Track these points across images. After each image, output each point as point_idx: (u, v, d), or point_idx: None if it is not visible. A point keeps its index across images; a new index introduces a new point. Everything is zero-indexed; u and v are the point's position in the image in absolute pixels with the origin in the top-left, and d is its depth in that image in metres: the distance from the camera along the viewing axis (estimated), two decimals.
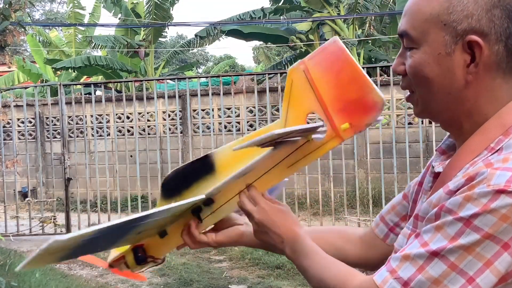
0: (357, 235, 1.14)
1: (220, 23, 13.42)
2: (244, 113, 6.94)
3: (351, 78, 0.91)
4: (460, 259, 0.71)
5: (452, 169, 0.81)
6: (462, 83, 0.80)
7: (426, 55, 0.80)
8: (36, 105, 7.46)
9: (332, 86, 0.93)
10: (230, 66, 25.74)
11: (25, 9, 5.62)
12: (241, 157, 1.02)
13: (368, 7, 13.04)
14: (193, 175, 1.05)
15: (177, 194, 1.06)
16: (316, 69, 0.94)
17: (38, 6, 29.42)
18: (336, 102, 0.93)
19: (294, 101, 0.97)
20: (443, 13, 0.78)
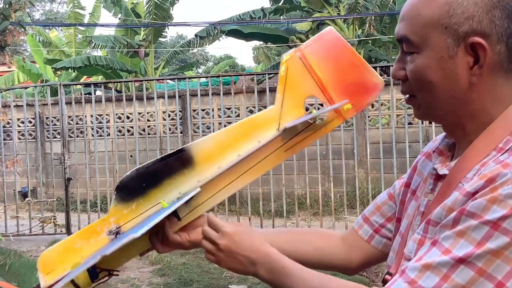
0: (338, 237, 1.12)
1: (220, 23, 13.42)
2: (244, 113, 6.94)
3: (350, 63, 0.96)
4: (488, 264, 0.68)
5: (461, 170, 0.80)
6: (466, 85, 0.79)
7: (428, 59, 0.80)
8: (36, 105, 7.46)
9: (331, 71, 0.97)
10: (230, 66, 25.74)
11: (25, 9, 5.62)
12: (224, 146, 1.00)
13: (368, 7, 13.04)
14: (165, 171, 0.99)
15: (139, 194, 0.99)
16: (313, 56, 0.98)
17: (38, 6, 29.42)
18: (337, 85, 0.97)
19: (290, 86, 0.99)
20: (443, 16, 0.78)
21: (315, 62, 0.98)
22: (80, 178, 8.47)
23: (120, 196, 0.99)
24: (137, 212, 0.99)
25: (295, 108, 1.00)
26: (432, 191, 0.87)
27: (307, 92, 1.00)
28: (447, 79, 0.79)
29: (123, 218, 0.99)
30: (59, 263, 1.00)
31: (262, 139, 0.99)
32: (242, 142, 1.00)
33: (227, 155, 1.00)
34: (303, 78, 0.98)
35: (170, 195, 0.99)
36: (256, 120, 1.01)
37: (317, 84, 0.98)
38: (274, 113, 1.00)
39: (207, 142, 1.01)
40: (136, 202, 0.99)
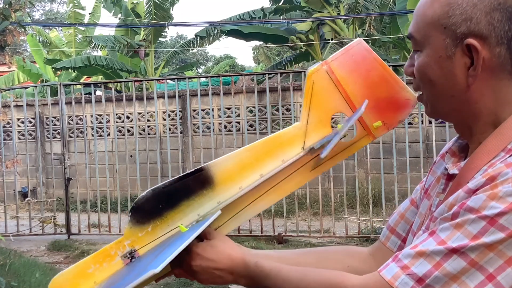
0: (367, 253, 1.08)
1: (220, 23, 13.42)
2: (244, 113, 6.93)
3: (380, 77, 0.90)
4: (481, 256, 0.70)
5: (469, 170, 0.81)
6: (464, 85, 0.80)
7: (429, 57, 0.82)
8: (36, 105, 7.46)
9: (360, 85, 0.91)
10: (230, 66, 25.73)
11: (25, 9, 5.62)
12: (245, 166, 0.94)
13: (368, 7, 13.04)
14: (182, 192, 0.94)
15: (156, 216, 0.94)
16: (341, 69, 0.92)
17: (38, 6, 29.42)
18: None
19: (316, 102, 0.93)
20: (443, 17, 0.79)
21: (343, 76, 0.92)
22: (80, 178, 8.47)
23: (135, 218, 0.94)
24: (154, 235, 0.94)
25: (321, 125, 0.94)
26: (444, 191, 0.88)
27: (334, 108, 0.94)
28: (445, 78, 0.81)
29: (139, 241, 0.95)
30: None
31: (286, 158, 0.94)
32: (265, 161, 0.94)
33: (249, 175, 0.94)
34: (330, 93, 0.93)
35: (188, 217, 0.94)
36: (280, 138, 0.95)
37: (345, 99, 0.92)
38: (299, 130, 0.94)
39: (228, 161, 0.95)
40: (152, 225, 0.94)
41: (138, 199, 0.94)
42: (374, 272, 0.79)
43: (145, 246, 0.95)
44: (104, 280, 0.94)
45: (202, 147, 6.79)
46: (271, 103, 7.08)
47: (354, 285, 0.80)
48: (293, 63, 14.32)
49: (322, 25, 13.22)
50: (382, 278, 0.76)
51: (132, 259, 0.95)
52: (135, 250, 0.95)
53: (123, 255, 0.95)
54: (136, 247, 0.95)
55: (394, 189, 6.15)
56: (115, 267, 0.95)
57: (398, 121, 0.96)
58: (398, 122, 0.98)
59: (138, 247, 0.95)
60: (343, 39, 12.50)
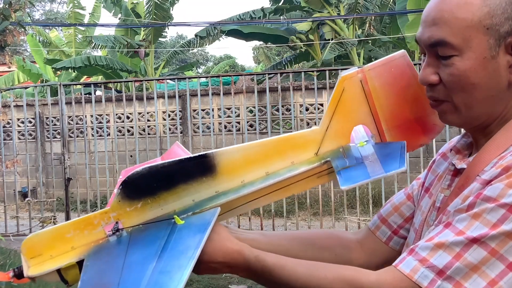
0: (356, 240, 1.08)
1: (220, 23, 13.42)
2: (244, 113, 6.93)
3: (415, 97, 0.86)
4: (501, 245, 0.70)
5: (479, 164, 0.82)
6: (505, 84, 0.81)
7: (471, 60, 0.80)
8: (36, 105, 7.46)
9: (391, 101, 0.87)
10: (230, 66, 25.73)
11: (25, 9, 5.62)
12: (252, 161, 0.91)
13: (368, 7, 13.04)
14: (181, 175, 0.90)
15: (148, 194, 0.90)
16: (376, 80, 0.87)
17: (38, 6, 29.42)
18: (393, 119, 0.87)
19: (342, 110, 0.89)
20: (484, 18, 0.79)
21: (376, 89, 0.87)
22: (80, 178, 8.47)
23: (125, 193, 0.90)
24: (142, 213, 0.90)
25: (341, 134, 0.89)
26: (449, 186, 0.88)
27: (358, 120, 0.89)
28: (489, 79, 0.81)
29: (125, 215, 0.90)
30: (47, 249, 0.90)
31: (296, 161, 0.90)
32: (274, 160, 0.91)
33: (254, 171, 0.90)
34: (358, 104, 0.88)
35: (182, 200, 0.90)
36: (294, 139, 0.92)
37: (372, 113, 0.88)
38: (317, 135, 0.90)
39: (235, 153, 0.91)
40: (143, 202, 0.90)
41: (132, 174, 0.90)
42: (389, 267, 0.78)
43: (131, 221, 0.91)
44: (84, 248, 0.90)
45: (202, 147, 6.79)
46: (271, 103, 7.08)
47: (371, 282, 0.77)
48: (293, 63, 14.32)
49: (322, 25, 13.22)
50: (400, 272, 0.75)
51: (116, 232, 0.91)
52: (119, 222, 0.91)
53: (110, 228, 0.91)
54: (122, 221, 0.91)
55: (394, 189, 6.15)
56: (97, 236, 0.91)
57: (420, 145, 0.93)
58: (419, 146, 0.94)
59: (124, 221, 0.91)
60: (343, 39, 12.50)
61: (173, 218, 0.90)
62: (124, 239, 0.90)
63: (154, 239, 0.88)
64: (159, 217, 0.91)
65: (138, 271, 0.82)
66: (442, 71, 0.83)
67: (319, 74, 7.86)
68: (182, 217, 0.90)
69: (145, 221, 0.91)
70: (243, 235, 1.04)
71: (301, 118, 7.94)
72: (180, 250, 0.83)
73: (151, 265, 0.82)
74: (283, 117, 7.79)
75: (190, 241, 0.84)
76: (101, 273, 0.85)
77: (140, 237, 0.90)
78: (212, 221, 0.87)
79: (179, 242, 0.85)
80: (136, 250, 0.87)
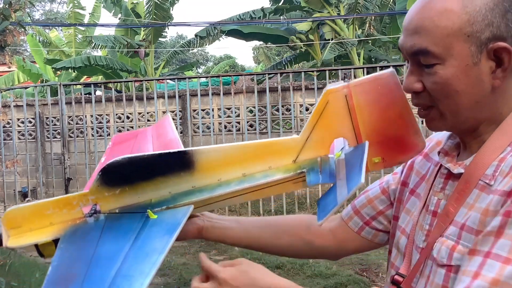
0: (328, 228, 1.11)
1: (220, 23, 13.43)
2: (244, 113, 6.93)
3: (399, 115, 0.86)
4: None
5: (478, 167, 0.82)
6: (489, 89, 0.81)
7: (454, 68, 0.80)
8: (36, 105, 7.47)
9: (375, 118, 0.87)
10: (230, 66, 25.75)
11: (25, 9, 5.62)
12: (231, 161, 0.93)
13: (368, 7, 13.05)
14: (160, 168, 0.93)
15: (126, 183, 0.93)
16: (361, 97, 0.88)
17: (38, 6, 29.44)
18: (374, 135, 0.88)
19: (324, 122, 0.90)
20: (465, 26, 0.79)
21: (360, 105, 0.87)
22: (80, 178, 8.47)
23: (104, 180, 0.93)
24: (120, 199, 0.94)
25: (320, 146, 0.90)
26: (442, 190, 0.88)
27: (339, 134, 0.90)
28: (472, 86, 0.81)
29: (103, 199, 0.94)
30: (26, 223, 0.95)
31: (274, 166, 0.92)
32: (252, 162, 0.93)
33: (231, 171, 0.93)
34: (341, 119, 0.88)
35: (159, 191, 0.94)
36: (274, 145, 0.93)
37: (354, 128, 0.88)
38: (297, 143, 0.92)
39: (214, 152, 0.94)
40: (120, 189, 0.93)
41: (112, 162, 0.92)
42: None
43: (109, 206, 0.94)
44: (62, 225, 0.94)
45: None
46: (271, 103, 7.08)
47: None
48: (293, 63, 14.33)
49: (322, 25, 13.23)
50: None
51: (93, 215, 0.94)
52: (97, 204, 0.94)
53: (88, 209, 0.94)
54: (100, 204, 0.94)
55: None
56: (74, 215, 0.94)
57: (398, 162, 0.93)
58: (398, 163, 0.95)
59: (101, 204, 0.94)
60: (343, 39, 12.51)
61: (146, 212, 0.93)
62: (100, 223, 0.93)
63: (126, 231, 0.90)
64: (136, 204, 0.94)
65: (104, 268, 0.84)
66: (426, 79, 0.83)
67: (319, 74, 7.86)
68: (156, 211, 0.93)
69: (123, 206, 0.94)
70: (218, 223, 1.07)
71: (301, 118, 7.94)
72: (146, 252, 0.85)
73: (117, 265, 0.84)
74: (283, 117, 7.80)
75: (157, 243, 0.86)
76: (70, 262, 0.88)
77: (114, 226, 0.92)
78: (182, 222, 0.89)
79: (147, 241, 0.88)
80: (107, 240, 0.90)
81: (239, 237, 1.09)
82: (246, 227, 1.10)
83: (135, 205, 0.94)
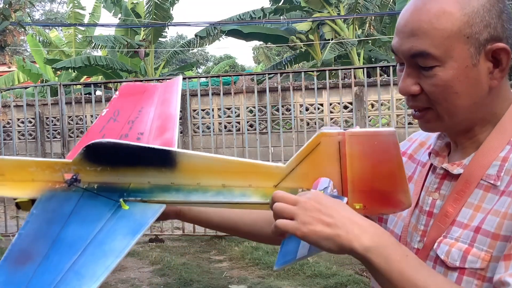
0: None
1: (220, 23, 13.43)
2: (244, 113, 6.93)
3: (390, 173, 0.85)
4: None
5: (479, 167, 0.82)
6: (486, 90, 0.82)
7: (453, 70, 0.80)
8: (36, 105, 7.47)
9: (365, 169, 0.87)
10: (230, 66, 25.76)
11: (25, 9, 5.62)
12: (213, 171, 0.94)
13: (368, 7, 13.05)
14: (143, 158, 0.95)
15: (108, 164, 0.95)
16: (355, 147, 0.86)
17: (38, 6, 29.44)
18: (361, 184, 0.87)
19: (312, 160, 0.90)
20: (464, 27, 0.79)
21: (353, 154, 0.86)
22: None
23: (87, 156, 0.95)
24: (101, 176, 0.96)
25: (304, 179, 0.90)
26: (437, 190, 0.88)
27: (325, 174, 0.89)
28: (472, 87, 0.81)
29: (85, 172, 0.97)
30: (9, 173, 1.01)
31: (254, 185, 0.92)
32: (234, 177, 0.93)
33: (212, 179, 0.94)
34: (330, 161, 0.88)
35: (139, 178, 0.96)
36: (258, 167, 0.93)
37: (341, 174, 0.88)
38: (281, 171, 0.91)
39: (198, 159, 0.95)
40: (102, 168, 0.96)
41: (97, 143, 0.95)
42: None
43: (90, 179, 0.96)
44: (42, 185, 0.97)
45: (202, 147, 6.79)
46: (271, 103, 7.08)
47: None
48: (293, 63, 14.34)
49: (322, 25, 13.23)
50: None
51: (73, 183, 0.97)
52: (78, 174, 0.97)
53: (69, 176, 0.97)
54: (81, 175, 0.97)
55: None
56: (56, 178, 0.98)
57: (380, 213, 0.92)
58: (378, 214, 0.95)
59: (82, 176, 0.97)
60: (343, 39, 12.51)
61: (119, 202, 0.95)
62: (75, 197, 0.96)
63: (95, 217, 0.93)
64: (114, 184, 0.96)
65: (62, 256, 0.86)
66: (424, 82, 0.83)
67: (319, 74, 7.86)
68: (130, 200, 0.95)
69: (102, 182, 0.97)
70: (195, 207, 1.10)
71: (301, 118, 7.94)
72: (104, 251, 0.86)
73: (75, 255, 0.86)
74: (283, 117, 7.80)
75: (117, 242, 0.88)
76: (35, 236, 0.91)
77: (86, 206, 0.95)
78: (149, 223, 0.91)
79: (110, 236, 0.89)
80: (75, 221, 0.92)
81: (211, 217, 1.13)
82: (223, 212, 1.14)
83: (113, 185, 0.96)
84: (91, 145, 0.95)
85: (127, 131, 1.17)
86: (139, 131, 1.16)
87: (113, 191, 0.96)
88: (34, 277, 0.84)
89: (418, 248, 0.88)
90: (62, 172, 0.98)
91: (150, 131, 1.16)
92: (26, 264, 0.86)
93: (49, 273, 0.84)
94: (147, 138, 1.14)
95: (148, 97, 1.25)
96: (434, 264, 0.84)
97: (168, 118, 1.17)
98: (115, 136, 1.14)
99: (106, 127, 1.18)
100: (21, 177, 1.00)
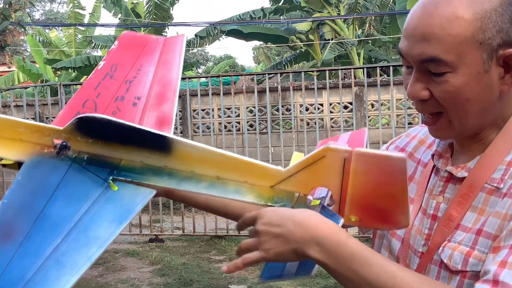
0: None
1: (220, 23, 13.44)
2: (244, 113, 6.93)
3: (392, 195, 0.84)
4: None
5: (484, 171, 0.82)
6: (497, 95, 0.81)
7: (466, 76, 0.78)
8: (36, 105, 7.47)
9: (367, 187, 0.85)
10: (230, 66, 25.75)
11: (25, 9, 5.62)
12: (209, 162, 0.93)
13: (368, 7, 13.05)
14: (138, 139, 0.92)
15: (101, 138, 0.92)
16: (361, 165, 0.85)
17: (38, 6, 29.44)
18: (360, 199, 0.86)
19: (314, 170, 0.88)
20: (477, 33, 0.77)
21: (357, 171, 0.85)
22: None
23: (79, 127, 0.92)
24: (92, 148, 0.93)
25: (303, 186, 0.89)
26: (442, 193, 0.87)
27: (325, 185, 0.88)
28: (483, 93, 0.80)
29: (75, 141, 0.93)
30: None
31: (250, 182, 0.91)
32: (230, 170, 0.92)
33: (207, 169, 0.92)
34: (331, 175, 0.87)
35: (131, 156, 0.93)
36: (257, 166, 0.92)
37: (341, 188, 0.87)
38: (280, 174, 0.91)
39: (195, 149, 0.93)
40: (94, 140, 0.92)
41: (90, 117, 0.91)
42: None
43: (79, 146, 0.93)
44: (30, 147, 0.94)
45: None
46: (271, 103, 7.08)
47: None
48: (293, 63, 14.34)
49: (322, 25, 13.24)
50: None
51: (63, 150, 0.93)
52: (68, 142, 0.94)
53: (59, 142, 0.93)
54: (71, 143, 0.93)
55: None
56: (45, 142, 0.94)
57: (375, 228, 0.93)
58: (373, 229, 0.96)
59: (72, 144, 0.93)
60: (343, 39, 12.51)
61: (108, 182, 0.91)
62: (64, 166, 0.92)
63: (83, 194, 0.89)
64: (105, 157, 0.93)
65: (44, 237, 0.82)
66: (434, 87, 0.81)
67: (319, 74, 7.86)
68: (120, 180, 0.91)
69: (92, 153, 0.93)
70: None
71: (301, 118, 7.94)
72: (88, 238, 0.83)
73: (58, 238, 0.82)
74: (283, 117, 7.80)
75: (102, 229, 0.84)
76: (19, 208, 0.87)
77: (74, 179, 0.91)
78: (136, 210, 0.88)
79: (95, 221, 0.86)
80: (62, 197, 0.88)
81: (197, 196, 1.10)
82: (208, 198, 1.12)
83: (104, 158, 0.93)
84: (85, 118, 0.91)
85: (124, 92, 1.11)
86: (136, 95, 1.11)
87: (103, 165, 0.92)
88: (14, 259, 0.80)
89: (422, 251, 0.87)
90: (52, 138, 0.94)
91: (148, 96, 1.10)
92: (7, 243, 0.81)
93: (29, 256, 0.80)
94: (144, 105, 1.09)
95: (149, 53, 1.19)
96: (438, 268, 0.83)
97: (168, 84, 1.12)
98: (110, 96, 1.09)
99: (102, 85, 1.12)
100: (9, 134, 0.95)
